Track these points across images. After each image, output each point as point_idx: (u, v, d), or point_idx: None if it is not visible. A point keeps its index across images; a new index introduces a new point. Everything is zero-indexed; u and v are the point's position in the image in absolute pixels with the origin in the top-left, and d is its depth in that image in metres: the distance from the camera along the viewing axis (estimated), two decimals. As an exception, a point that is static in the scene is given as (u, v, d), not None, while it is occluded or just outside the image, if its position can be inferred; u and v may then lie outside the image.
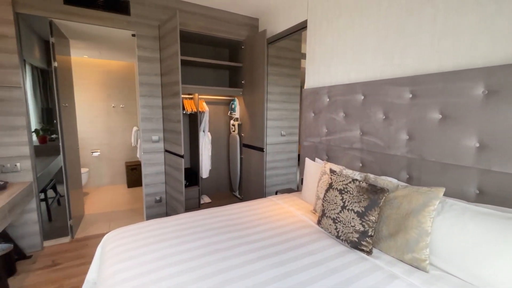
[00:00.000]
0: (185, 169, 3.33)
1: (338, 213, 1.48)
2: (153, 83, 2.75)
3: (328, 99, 2.13)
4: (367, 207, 1.36)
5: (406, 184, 1.50)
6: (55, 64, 2.38)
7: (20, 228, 2.26)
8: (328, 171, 1.85)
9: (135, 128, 3.90)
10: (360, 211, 1.37)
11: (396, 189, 1.42)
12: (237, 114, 3.38)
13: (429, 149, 1.45)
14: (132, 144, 4.07)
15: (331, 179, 1.64)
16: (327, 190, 1.63)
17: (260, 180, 2.90)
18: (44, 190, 2.55)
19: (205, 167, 3.27)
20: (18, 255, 2.17)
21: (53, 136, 2.90)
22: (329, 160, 2.15)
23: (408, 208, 1.30)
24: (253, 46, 2.89)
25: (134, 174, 4.33)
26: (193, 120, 3.25)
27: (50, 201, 2.87)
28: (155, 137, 2.83)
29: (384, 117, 1.69)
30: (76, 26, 2.49)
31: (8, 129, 2.14)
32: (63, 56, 2.61)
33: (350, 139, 1.94)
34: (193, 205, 3.13)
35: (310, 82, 2.37)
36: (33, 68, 2.49)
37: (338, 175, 1.62)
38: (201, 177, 3.31)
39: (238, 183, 3.54)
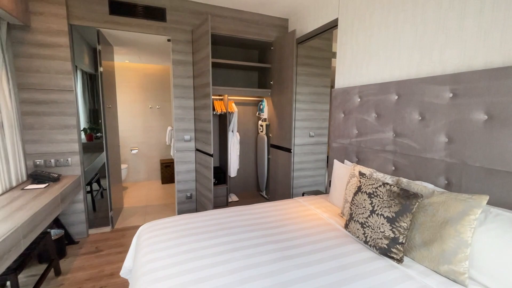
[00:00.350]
0: (214, 167, 3.44)
1: (366, 218, 1.43)
2: (186, 85, 2.90)
3: (359, 99, 2.05)
4: (398, 213, 1.29)
5: (443, 190, 1.39)
6: (101, 69, 2.62)
7: (70, 216, 2.53)
8: (357, 174, 1.79)
9: (169, 128, 4.13)
10: (391, 217, 1.31)
11: (432, 195, 1.32)
12: (265, 115, 3.41)
13: (472, 153, 1.33)
14: (167, 143, 4.32)
15: (360, 182, 1.59)
16: (355, 193, 1.58)
17: (287, 181, 2.89)
18: (89, 183, 2.82)
19: (233, 166, 3.35)
20: (67, 240, 2.44)
21: (98, 134, 3.20)
22: (359, 162, 2.08)
23: (445, 216, 1.20)
24: (282, 47, 2.89)
25: (167, 171, 4.58)
26: (223, 120, 3.34)
27: (94, 193, 3.17)
28: (187, 137, 2.97)
29: (420, 118, 1.59)
30: (119, 34, 2.71)
31: (62, 127, 2.41)
32: (107, 62, 2.86)
33: (382, 141, 1.85)
34: (221, 203, 3.23)
35: (340, 81, 2.31)
36: (83, 73, 2.77)
37: (367, 178, 1.56)
38: (229, 176, 3.39)
39: (265, 183, 3.56)
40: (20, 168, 2.16)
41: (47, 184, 2.11)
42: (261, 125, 3.52)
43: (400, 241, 1.27)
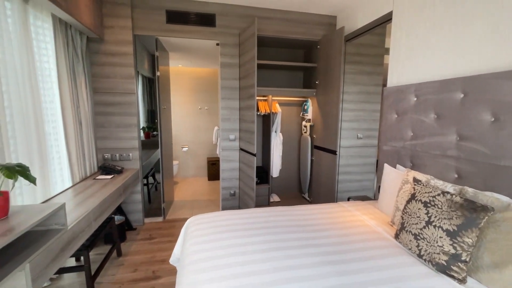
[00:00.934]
0: (257, 167, 3.50)
1: (421, 229, 1.29)
2: (232, 86, 3.01)
3: (415, 98, 1.87)
4: (461, 227, 1.14)
5: (523, 204, 1.18)
6: (158, 73, 2.89)
7: (129, 205, 2.85)
8: (411, 180, 1.63)
9: (216, 128, 4.34)
10: (451, 230, 1.16)
11: (507, 209, 1.14)
12: (309, 115, 3.34)
13: None
14: (213, 142, 4.54)
15: (415, 190, 1.44)
16: (408, 201, 1.44)
17: (331, 184, 2.78)
18: (146, 177, 3.14)
19: (275, 167, 3.36)
20: (127, 226, 2.75)
21: (154, 133, 3.52)
22: (413, 167, 1.89)
23: (523, 234, 1.02)
24: (329, 45, 2.80)
25: (213, 169, 4.82)
26: (266, 121, 3.38)
27: (150, 186, 3.50)
28: (232, 136, 3.09)
29: (492, 119, 1.37)
30: (174, 40, 2.95)
31: (125, 126, 2.72)
32: (164, 67, 3.14)
33: (443, 144, 1.65)
34: (262, 202, 3.27)
35: (394, 79, 2.13)
36: (143, 78, 3.10)
37: (423, 186, 1.41)
38: (272, 176, 3.41)
39: (307, 185, 3.49)
40: (92, 161, 2.51)
41: (112, 175, 2.42)
42: (305, 126, 3.46)
43: (462, 258, 1.12)
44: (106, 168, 2.45)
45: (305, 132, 3.48)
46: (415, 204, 1.38)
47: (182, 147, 4.94)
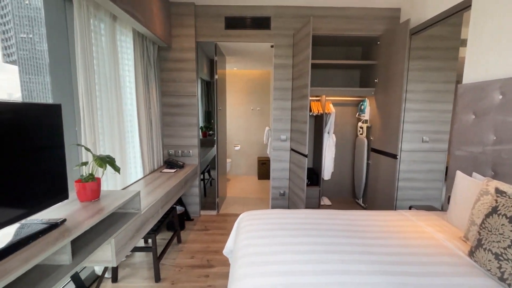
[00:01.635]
0: (308, 168, 3.44)
1: (505, 248, 1.11)
2: (285, 87, 3.04)
3: (500, 96, 1.60)
4: None
5: None
6: (216, 76, 3.09)
7: (188, 197, 3.12)
8: (492, 191, 1.41)
9: (267, 128, 4.42)
10: (548, 253, 0.97)
11: None
12: (366, 116, 3.14)
13: None
14: (264, 142, 4.64)
15: (497, 202, 1.25)
16: (488, 215, 1.25)
17: (389, 191, 2.57)
18: (202, 173, 3.39)
19: (327, 169, 3.26)
20: (186, 216, 3.01)
21: (210, 132, 3.78)
22: (495, 176, 1.62)
23: None
24: (391, 40, 2.59)
25: (263, 168, 4.92)
26: (319, 121, 3.30)
27: (205, 181, 3.77)
28: (283, 136, 3.11)
29: None
30: (231, 45, 3.12)
31: (187, 125, 3.00)
32: (221, 70, 3.35)
33: (538, 151, 1.38)
34: (312, 205, 3.20)
35: (471, 75, 1.87)
36: (201, 81, 3.36)
37: (509, 198, 1.21)
38: (323, 179, 3.32)
39: (362, 190, 3.29)
40: (160, 156, 2.83)
41: (175, 169, 2.69)
42: (361, 127, 3.27)
43: None
44: (170, 162, 2.74)
45: (361, 134, 3.29)
46: (497, 219, 1.19)
47: (235, 146, 5.17)
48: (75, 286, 1.42)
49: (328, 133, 3.21)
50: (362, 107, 3.22)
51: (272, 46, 3.02)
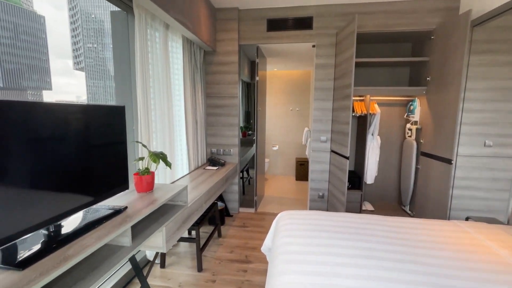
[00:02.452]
0: (349, 171, 3.32)
1: None
2: (326, 87, 2.98)
3: None
4: None
5: None
6: (257, 78, 3.17)
7: (228, 194, 3.25)
8: None
9: (306, 129, 4.37)
10: None
11: None
12: (416, 117, 2.91)
13: None
14: (302, 143, 4.59)
15: None
16: None
17: (442, 199, 2.35)
18: (242, 171, 3.50)
19: (370, 173, 3.10)
20: (226, 212, 3.15)
21: (250, 132, 3.88)
22: None
23: None
24: (447, 34, 2.37)
25: (301, 169, 4.87)
26: (362, 122, 3.16)
27: (244, 180, 3.88)
28: (323, 138, 3.05)
29: None
30: (272, 46, 3.17)
31: (228, 125, 3.13)
32: (262, 72, 3.42)
33: None
34: (353, 209, 3.08)
35: (550, 70, 1.61)
36: (242, 82, 3.46)
37: None
38: (365, 182, 3.16)
39: (410, 196, 3.06)
40: (203, 153, 3.01)
41: (217, 167, 2.83)
42: (410, 129, 3.04)
43: None
44: (213, 160, 2.90)
45: (410, 136, 3.06)
46: None
47: (273, 146, 5.21)
48: (132, 266, 1.60)
49: (372, 134, 3.05)
50: (411, 107, 2.99)
51: (313, 46, 2.99)
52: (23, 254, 0.86)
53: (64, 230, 1.03)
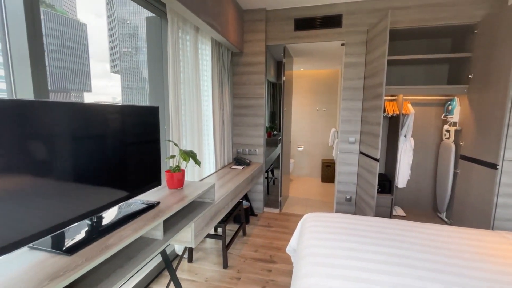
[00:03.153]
0: (379, 174, 3.18)
1: None
2: (355, 87, 2.88)
3: None
4: None
5: None
6: (283, 78, 3.16)
7: (253, 194, 3.28)
8: None
9: (333, 129, 4.26)
10: None
11: None
12: (455, 117, 2.70)
13: None
14: (329, 144, 4.48)
15: None
16: None
17: (485, 207, 2.16)
18: (267, 171, 3.50)
19: (402, 176, 2.94)
20: (251, 211, 3.18)
21: (275, 132, 3.87)
22: None
23: None
24: (494, 27, 2.17)
25: (328, 171, 4.75)
26: (394, 123, 3.00)
27: (269, 180, 3.88)
28: (351, 139, 2.96)
29: None
30: (299, 46, 3.14)
31: (254, 125, 3.16)
32: (288, 71, 3.40)
33: None
34: (383, 214, 2.94)
35: None
36: (268, 83, 3.46)
37: None
38: (396, 186, 3.01)
39: (446, 203, 2.85)
40: (230, 153, 3.07)
41: (243, 166, 2.87)
42: (448, 130, 2.83)
43: None
44: (238, 160, 2.94)
45: (447, 138, 2.85)
46: None
47: (298, 147, 5.15)
48: (162, 258, 1.68)
49: (405, 136, 2.89)
50: (450, 107, 2.78)
51: (342, 44, 2.91)
52: (70, 241, 0.95)
53: (104, 222, 1.12)
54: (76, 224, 1.02)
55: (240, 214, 2.66)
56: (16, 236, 0.78)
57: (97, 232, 1.02)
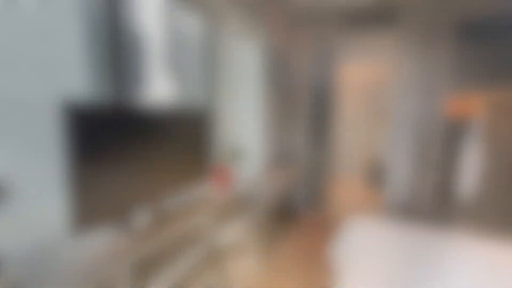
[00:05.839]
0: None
1: None
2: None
3: None
4: None
5: None
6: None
7: (298, 194, 3.26)
8: None
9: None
10: None
11: None
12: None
13: None
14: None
15: None
16: None
17: None
18: (311, 172, 3.42)
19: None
20: (295, 211, 3.16)
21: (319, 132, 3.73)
22: None
23: None
24: None
25: (377, 175, 4.42)
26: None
27: (314, 181, 3.76)
28: (407, 140, 2.71)
29: None
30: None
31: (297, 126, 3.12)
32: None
33: None
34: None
35: None
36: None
37: None
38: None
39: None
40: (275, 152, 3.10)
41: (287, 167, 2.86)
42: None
43: None
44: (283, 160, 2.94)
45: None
46: None
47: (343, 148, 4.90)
48: (213, 249, 1.81)
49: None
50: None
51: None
52: (134, 222, 1.10)
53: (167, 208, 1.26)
54: (140, 208, 1.18)
55: (285, 213, 2.67)
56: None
57: (164, 218, 1.15)
